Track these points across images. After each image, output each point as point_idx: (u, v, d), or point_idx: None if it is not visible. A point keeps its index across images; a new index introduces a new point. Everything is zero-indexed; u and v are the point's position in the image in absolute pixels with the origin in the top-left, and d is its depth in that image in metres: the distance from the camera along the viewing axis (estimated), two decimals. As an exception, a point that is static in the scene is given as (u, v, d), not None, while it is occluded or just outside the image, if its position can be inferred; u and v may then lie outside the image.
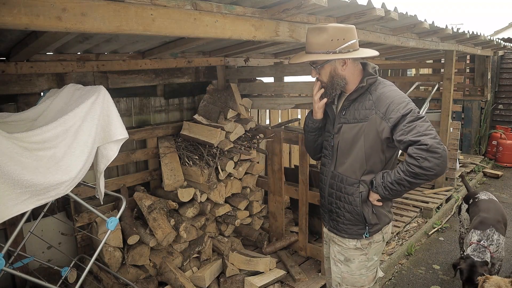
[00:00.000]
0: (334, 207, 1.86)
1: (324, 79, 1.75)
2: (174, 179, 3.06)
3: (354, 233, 1.83)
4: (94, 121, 1.84)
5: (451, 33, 3.72)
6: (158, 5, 1.51)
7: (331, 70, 1.72)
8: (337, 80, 1.74)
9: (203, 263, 3.13)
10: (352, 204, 1.79)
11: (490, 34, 7.54)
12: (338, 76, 1.74)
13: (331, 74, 1.73)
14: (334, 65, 1.72)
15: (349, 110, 1.76)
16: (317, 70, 1.76)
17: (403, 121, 1.59)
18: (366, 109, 1.70)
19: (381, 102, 1.66)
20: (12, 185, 1.46)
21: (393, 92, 1.69)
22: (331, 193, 1.86)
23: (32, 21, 1.18)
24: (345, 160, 1.76)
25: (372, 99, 1.70)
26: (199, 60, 3.55)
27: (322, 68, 1.73)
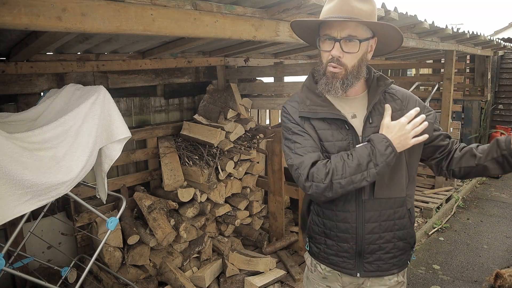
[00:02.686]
0: (378, 244, 1.38)
1: (351, 62, 1.26)
2: (174, 179, 3.06)
3: (403, 263, 1.46)
4: (95, 121, 1.84)
5: (451, 33, 3.72)
6: (158, 5, 1.50)
7: (364, 53, 1.29)
8: (363, 69, 1.31)
9: (203, 263, 3.13)
10: (405, 227, 1.41)
11: (490, 34, 7.55)
12: (365, 63, 1.32)
13: (362, 58, 1.28)
14: (367, 47, 1.30)
15: (375, 116, 1.33)
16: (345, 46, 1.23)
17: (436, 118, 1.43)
18: (397, 110, 1.34)
19: (409, 99, 1.39)
20: (14, 186, 1.46)
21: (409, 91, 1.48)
22: (372, 228, 1.36)
23: (32, 21, 1.18)
24: (386, 179, 1.33)
25: (398, 98, 1.38)
26: (199, 60, 3.55)
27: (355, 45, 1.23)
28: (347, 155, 1.23)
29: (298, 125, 1.34)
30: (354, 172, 1.20)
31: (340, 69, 1.26)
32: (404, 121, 1.25)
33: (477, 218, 4.59)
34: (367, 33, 1.26)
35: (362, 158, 1.21)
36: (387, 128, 1.26)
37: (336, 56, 1.25)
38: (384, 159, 1.20)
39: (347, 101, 1.37)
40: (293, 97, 1.43)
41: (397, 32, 1.27)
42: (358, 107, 1.37)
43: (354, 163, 1.21)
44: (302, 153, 1.28)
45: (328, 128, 1.33)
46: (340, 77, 1.27)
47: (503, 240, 4.00)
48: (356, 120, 1.35)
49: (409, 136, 1.24)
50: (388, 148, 1.21)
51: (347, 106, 1.37)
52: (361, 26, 1.23)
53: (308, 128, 1.33)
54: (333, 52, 1.25)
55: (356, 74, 1.29)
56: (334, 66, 1.26)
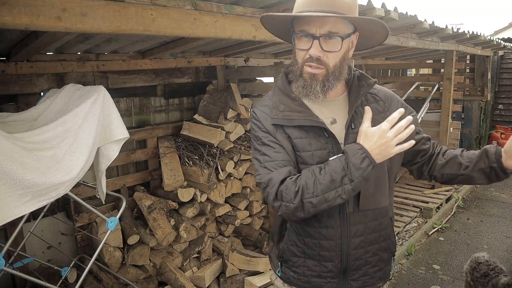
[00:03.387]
0: (364, 259, 1.26)
1: (332, 62, 1.11)
2: (174, 179, 3.06)
3: (387, 275, 1.38)
4: (94, 121, 1.84)
5: (451, 33, 3.72)
6: (158, 5, 1.51)
7: (346, 51, 1.15)
8: (345, 68, 1.18)
9: (203, 263, 3.13)
10: (389, 237, 1.32)
11: (490, 34, 7.55)
12: (347, 62, 1.18)
13: (344, 57, 1.14)
14: (348, 44, 1.15)
15: (357, 120, 1.19)
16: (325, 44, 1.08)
17: (417, 120, 1.33)
18: (380, 112, 1.23)
19: (392, 100, 1.29)
20: (14, 186, 1.46)
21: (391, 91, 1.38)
22: (358, 243, 1.24)
23: (32, 21, 1.18)
24: (371, 189, 1.21)
25: (380, 99, 1.26)
26: (199, 60, 3.55)
27: (337, 43, 1.09)
28: (319, 169, 1.08)
29: (269, 134, 1.18)
30: (327, 189, 1.05)
31: (320, 69, 1.11)
32: (386, 127, 1.06)
33: (477, 218, 4.59)
34: (349, 28, 1.11)
35: (336, 173, 1.05)
36: (365, 136, 1.08)
37: (315, 55, 1.09)
38: (360, 173, 1.04)
39: (325, 104, 1.21)
40: (264, 101, 1.27)
41: (383, 27, 1.12)
42: (338, 110, 1.22)
43: (327, 179, 1.05)
44: (272, 168, 1.13)
45: (305, 136, 1.17)
46: (321, 78, 1.12)
47: (503, 240, 4.00)
48: (336, 126, 1.20)
49: (391, 144, 1.05)
50: (364, 161, 1.04)
51: (326, 109, 1.21)
52: (342, 21, 1.08)
53: (281, 137, 1.17)
54: (311, 51, 1.09)
55: (337, 74, 1.14)
56: (313, 66, 1.11)
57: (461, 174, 1.25)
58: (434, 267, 3.52)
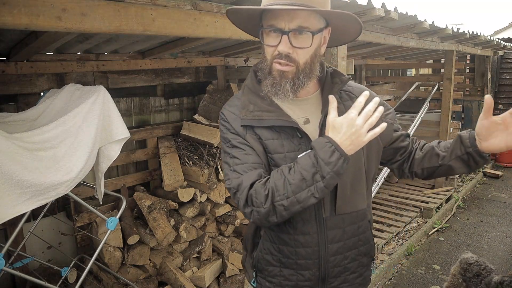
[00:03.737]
0: (343, 266, 1.21)
1: (302, 59, 1.04)
2: (174, 179, 3.06)
3: (367, 281, 1.33)
4: (95, 121, 1.84)
5: (451, 33, 3.72)
6: (158, 5, 1.51)
7: (317, 47, 1.08)
8: (316, 66, 1.10)
9: (203, 263, 3.13)
10: (368, 241, 1.26)
11: (490, 34, 7.55)
12: (318, 59, 1.11)
13: (315, 53, 1.07)
14: (320, 40, 1.08)
15: None
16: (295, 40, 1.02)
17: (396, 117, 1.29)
18: None
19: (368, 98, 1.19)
20: (13, 186, 1.46)
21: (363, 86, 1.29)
22: (337, 249, 1.18)
23: (32, 21, 1.18)
24: (348, 191, 1.15)
25: (355, 96, 1.17)
26: (199, 60, 3.55)
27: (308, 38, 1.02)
28: (288, 169, 1.01)
29: (239, 136, 1.11)
30: (298, 189, 0.97)
31: (290, 66, 1.04)
32: (353, 115, 0.97)
33: (477, 218, 4.59)
34: (320, 23, 1.04)
35: (306, 170, 0.97)
36: (333, 127, 0.99)
37: (284, 52, 1.02)
38: (331, 168, 0.96)
39: (297, 103, 1.15)
40: (232, 101, 1.20)
41: (356, 22, 1.04)
42: (311, 109, 1.16)
43: (297, 178, 0.97)
44: (242, 171, 1.06)
45: (277, 137, 1.10)
46: (290, 76, 1.05)
47: (503, 240, 4.00)
48: (310, 126, 1.13)
49: (362, 132, 0.96)
50: (334, 154, 0.96)
51: (298, 109, 1.15)
52: (314, 15, 1.01)
53: (251, 139, 1.10)
54: (280, 48, 1.02)
55: (308, 72, 1.07)
56: (283, 63, 1.03)
57: (439, 165, 1.22)
58: (434, 267, 3.52)
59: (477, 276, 2.35)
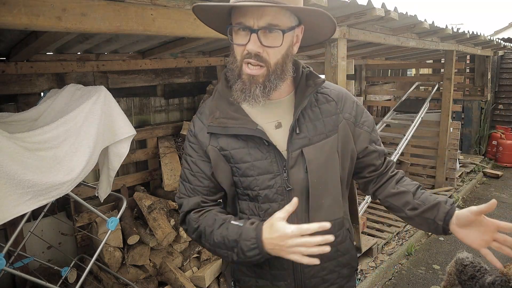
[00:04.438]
0: (321, 277, 1.16)
1: (273, 59, 0.99)
2: (174, 179, 3.06)
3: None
4: (95, 121, 1.84)
5: (451, 33, 3.72)
6: (158, 5, 1.51)
7: (289, 46, 1.03)
8: (288, 66, 1.05)
9: (203, 263, 3.13)
10: (347, 251, 1.20)
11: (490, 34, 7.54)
12: (291, 59, 1.06)
13: (287, 53, 1.02)
14: (292, 38, 1.03)
15: (304, 124, 1.08)
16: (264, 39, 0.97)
17: (375, 128, 1.20)
18: (332, 114, 1.11)
19: (346, 101, 1.15)
20: (14, 186, 1.46)
21: (343, 88, 1.21)
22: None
23: (32, 21, 1.18)
24: (322, 200, 1.10)
25: (332, 99, 1.13)
26: (199, 60, 3.55)
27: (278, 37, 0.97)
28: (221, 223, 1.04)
29: (196, 152, 1.11)
30: (218, 246, 1.03)
31: (260, 68, 0.98)
32: (290, 233, 0.91)
33: (477, 218, 4.59)
34: (292, 21, 0.99)
35: (228, 240, 1.00)
36: (270, 226, 0.95)
37: (253, 51, 0.96)
38: (245, 258, 0.98)
39: (270, 106, 1.09)
40: (203, 108, 1.17)
41: (329, 19, 1.00)
42: (284, 113, 1.10)
43: (219, 239, 1.02)
44: (186, 193, 1.12)
45: (243, 146, 1.06)
46: (261, 80, 1.00)
47: (503, 240, 3.99)
48: (282, 130, 1.08)
49: (288, 250, 0.92)
50: (252, 251, 0.96)
51: (269, 113, 1.09)
52: (284, 12, 0.96)
53: (211, 151, 1.08)
54: (249, 47, 0.96)
55: (280, 73, 1.01)
56: (253, 63, 0.98)
57: (405, 214, 1.15)
58: (434, 267, 3.52)
59: (472, 279, 2.38)
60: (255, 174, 1.06)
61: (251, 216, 1.11)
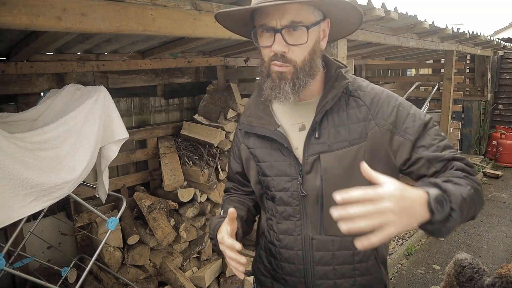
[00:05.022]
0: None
1: (300, 56, 0.96)
2: (174, 179, 3.06)
3: None
4: (96, 121, 1.85)
5: (451, 33, 3.72)
6: (158, 5, 1.51)
7: (316, 42, 0.98)
8: (317, 63, 1.01)
9: (203, 263, 3.13)
10: (369, 272, 1.07)
11: (490, 34, 7.55)
12: (319, 54, 1.02)
13: (314, 49, 0.98)
14: (318, 33, 0.99)
15: (326, 128, 1.02)
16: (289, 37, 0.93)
17: (430, 132, 0.99)
18: (360, 120, 1.01)
19: (381, 106, 1.01)
20: (17, 186, 1.46)
21: (386, 91, 1.08)
22: (325, 273, 1.06)
23: (32, 21, 1.18)
24: None
25: (364, 103, 1.02)
26: (199, 60, 3.55)
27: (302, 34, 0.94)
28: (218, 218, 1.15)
29: (233, 147, 1.21)
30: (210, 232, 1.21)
31: (287, 66, 0.96)
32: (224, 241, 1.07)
33: (477, 218, 4.59)
34: (316, 15, 0.95)
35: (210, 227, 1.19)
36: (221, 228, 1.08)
37: (279, 51, 0.94)
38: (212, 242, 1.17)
39: (297, 107, 1.06)
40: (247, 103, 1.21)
41: (353, 9, 0.96)
42: (309, 115, 1.04)
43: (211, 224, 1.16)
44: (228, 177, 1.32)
45: (267, 146, 1.07)
46: (290, 77, 0.96)
47: (503, 240, 4.00)
48: (304, 134, 1.05)
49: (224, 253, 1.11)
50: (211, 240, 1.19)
51: (296, 114, 1.06)
52: (307, 8, 0.93)
53: (243, 148, 1.13)
54: (274, 47, 0.94)
55: (308, 70, 0.97)
56: (278, 64, 0.96)
57: None
58: (434, 267, 3.52)
59: (470, 280, 2.39)
60: (273, 174, 1.07)
61: (271, 217, 1.11)
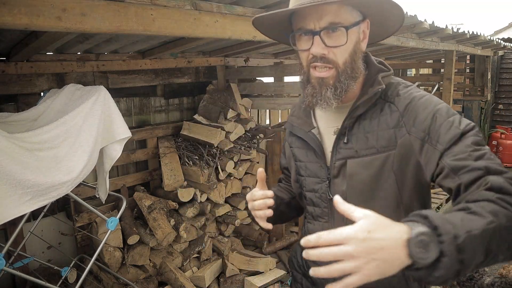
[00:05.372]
0: None
1: (341, 58, 0.93)
2: (174, 179, 3.06)
3: None
4: (95, 121, 1.85)
5: (451, 33, 3.72)
6: (158, 5, 1.51)
7: (356, 43, 0.95)
8: (359, 64, 0.97)
9: (203, 263, 3.13)
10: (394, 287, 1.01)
11: (490, 34, 7.55)
12: (360, 55, 0.98)
13: (355, 50, 0.95)
14: (358, 34, 0.95)
15: (356, 134, 0.99)
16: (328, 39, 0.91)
17: (466, 141, 0.86)
18: (390, 127, 0.95)
19: (416, 112, 0.92)
20: (14, 186, 1.47)
21: (428, 96, 0.96)
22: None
23: (32, 21, 1.18)
24: None
25: (397, 109, 0.95)
26: (199, 60, 3.55)
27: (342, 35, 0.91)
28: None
29: (284, 143, 1.23)
30: None
31: (329, 70, 0.93)
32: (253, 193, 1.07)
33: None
34: (355, 16, 0.93)
35: None
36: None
37: (318, 54, 0.91)
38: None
39: (338, 110, 1.01)
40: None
41: (394, 6, 0.92)
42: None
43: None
44: None
45: (304, 146, 1.08)
46: (331, 82, 0.94)
47: (503, 240, 3.99)
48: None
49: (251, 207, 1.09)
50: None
51: (334, 117, 1.04)
52: (345, 8, 0.90)
53: (287, 147, 1.17)
54: (313, 50, 0.91)
55: (350, 72, 0.94)
56: (319, 66, 0.93)
57: None
58: (434, 267, 3.51)
59: (470, 280, 2.40)
60: (306, 175, 1.09)
61: (306, 215, 1.15)
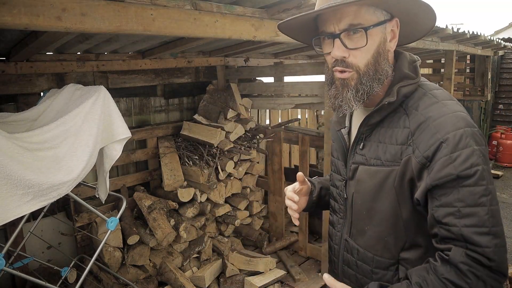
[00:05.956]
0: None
1: (362, 60, 0.90)
2: (174, 179, 3.06)
3: None
4: (95, 121, 1.84)
5: (451, 33, 3.72)
6: (158, 5, 1.50)
7: (379, 43, 0.91)
8: (384, 66, 0.93)
9: (203, 263, 3.13)
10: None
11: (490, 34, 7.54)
12: (386, 56, 0.93)
13: (378, 51, 0.91)
14: (384, 33, 0.92)
15: (370, 142, 0.98)
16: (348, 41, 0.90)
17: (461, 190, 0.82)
18: (398, 143, 0.91)
19: (425, 135, 0.86)
20: (15, 186, 1.46)
21: (446, 117, 0.85)
22: (350, 276, 1.07)
23: (32, 21, 1.18)
24: (366, 227, 1.00)
25: (408, 126, 0.90)
26: (199, 60, 3.55)
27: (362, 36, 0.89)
28: None
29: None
30: None
31: (349, 72, 0.91)
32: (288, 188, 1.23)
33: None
34: (378, 16, 0.89)
35: None
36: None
37: (339, 57, 0.90)
38: None
39: (363, 113, 1.00)
40: None
41: (423, 4, 0.88)
42: None
43: None
44: None
45: (336, 143, 1.15)
46: (353, 83, 0.91)
47: (503, 240, 3.99)
48: None
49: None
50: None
51: (358, 120, 1.02)
52: (366, 8, 0.87)
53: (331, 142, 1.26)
54: (334, 53, 0.90)
55: (373, 74, 0.90)
56: (339, 70, 0.92)
57: None
58: (434, 267, 3.51)
59: None
60: (333, 170, 1.16)
61: (330, 206, 1.20)
